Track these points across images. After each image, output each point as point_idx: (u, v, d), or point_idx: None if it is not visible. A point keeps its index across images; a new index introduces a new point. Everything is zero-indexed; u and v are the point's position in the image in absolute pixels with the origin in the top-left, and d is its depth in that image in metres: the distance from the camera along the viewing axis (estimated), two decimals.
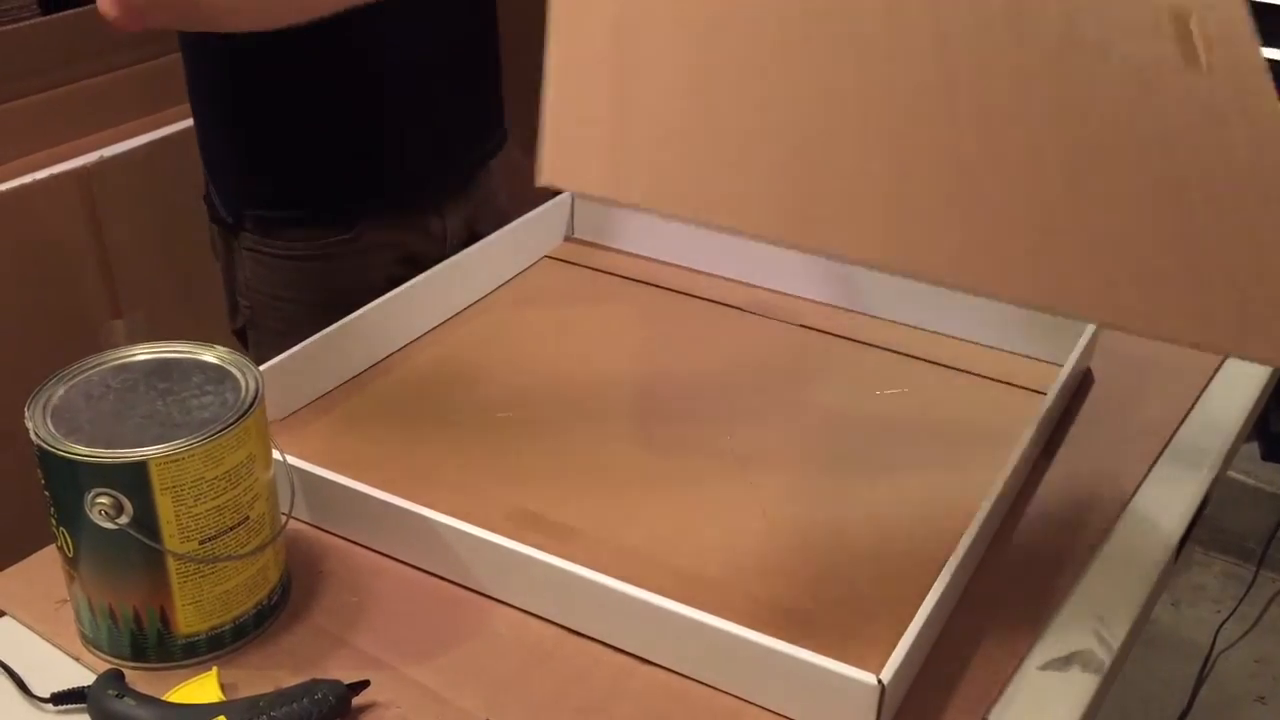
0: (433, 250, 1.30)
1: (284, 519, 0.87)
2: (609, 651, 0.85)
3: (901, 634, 0.79)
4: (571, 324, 1.23)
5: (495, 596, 0.89)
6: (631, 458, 1.03)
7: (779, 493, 0.99)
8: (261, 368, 1.01)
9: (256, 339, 1.31)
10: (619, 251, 1.37)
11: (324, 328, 1.09)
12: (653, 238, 1.36)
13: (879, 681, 0.76)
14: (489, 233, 1.28)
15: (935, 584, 0.83)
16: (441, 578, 0.91)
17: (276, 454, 0.88)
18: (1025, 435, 0.98)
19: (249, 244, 1.26)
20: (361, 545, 0.94)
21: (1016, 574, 0.93)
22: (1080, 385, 1.16)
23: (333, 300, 1.14)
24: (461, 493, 0.98)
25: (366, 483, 0.92)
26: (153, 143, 1.84)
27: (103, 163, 1.79)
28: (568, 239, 1.39)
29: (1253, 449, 2.34)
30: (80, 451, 0.76)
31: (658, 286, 1.30)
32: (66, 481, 0.77)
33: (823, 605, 0.87)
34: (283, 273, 1.26)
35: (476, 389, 1.12)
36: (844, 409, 1.10)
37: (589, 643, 0.85)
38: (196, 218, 1.35)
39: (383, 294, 1.15)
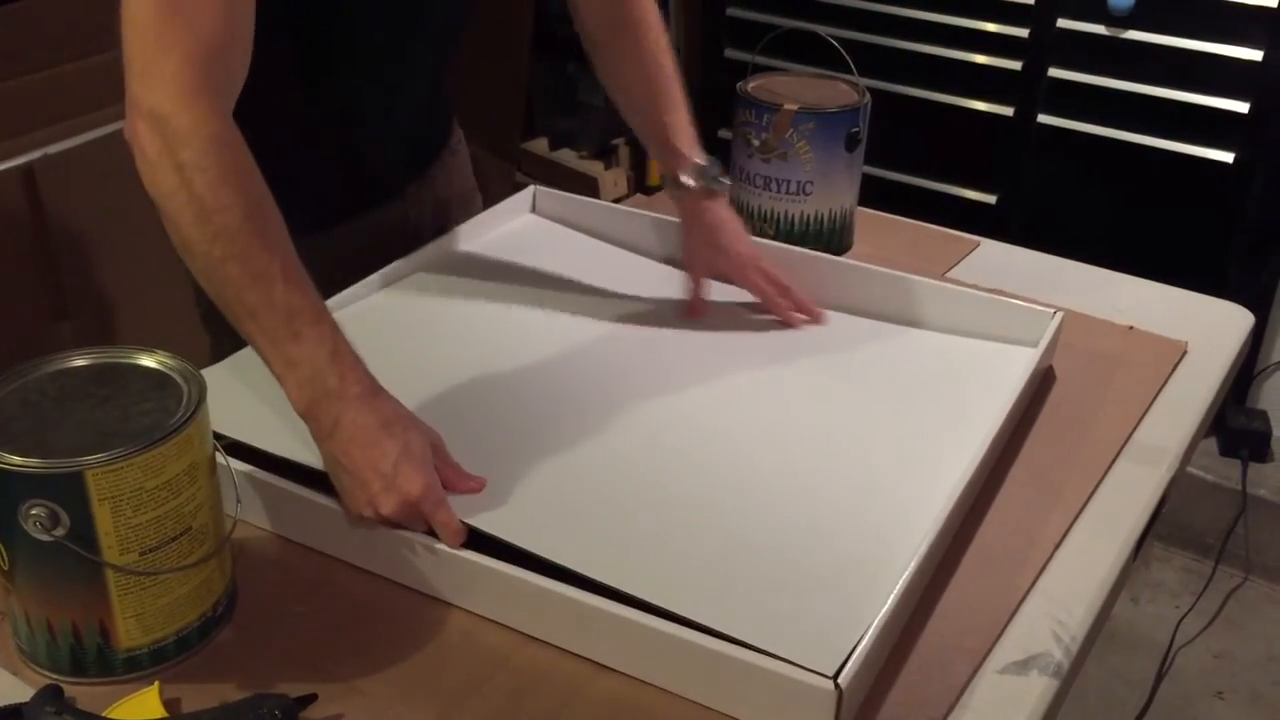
0: (400, 239, 1.29)
1: (229, 525, 0.85)
2: (564, 658, 0.83)
3: (859, 636, 0.78)
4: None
5: (449, 601, 0.87)
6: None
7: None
8: (206, 370, 0.99)
9: (217, 329, 1.27)
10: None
11: None
12: (611, 228, 1.37)
13: (836, 686, 0.74)
14: (459, 215, 1.31)
15: (895, 588, 0.82)
16: (393, 582, 0.89)
17: (221, 459, 0.86)
18: (986, 438, 0.98)
19: None
20: (311, 549, 0.92)
21: (976, 575, 0.92)
22: (1042, 383, 1.16)
23: None
24: None
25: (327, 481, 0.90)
26: (98, 139, 1.80)
27: (47, 159, 1.75)
28: None
29: (1211, 444, 2.36)
30: (13, 461, 0.73)
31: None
32: None
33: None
34: None
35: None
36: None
37: (544, 649, 0.84)
38: (144, 216, 1.31)
39: (348, 282, 1.15)
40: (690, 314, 1.23)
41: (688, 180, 1.19)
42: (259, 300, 0.86)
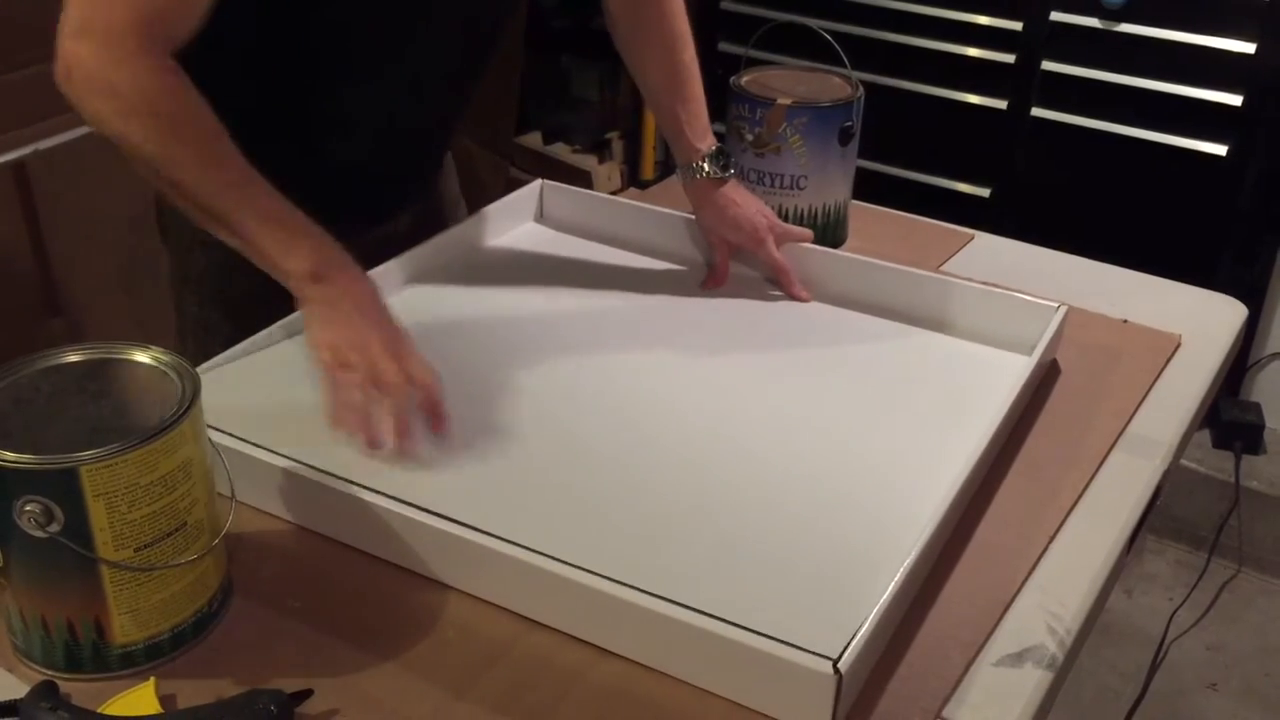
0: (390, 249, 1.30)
1: (225, 514, 0.85)
2: (565, 646, 0.83)
3: (859, 624, 0.78)
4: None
5: (449, 584, 0.87)
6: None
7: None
8: (201, 367, 0.99)
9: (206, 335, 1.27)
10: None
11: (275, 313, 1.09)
12: (614, 227, 1.37)
13: (836, 670, 0.74)
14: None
15: (896, 575, 0.82)
16: (392, 565, 0.89)
17: (213, 434, 0.85)
18: (989, 429, 0.98)
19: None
20: (307, 543, 0.91)
21: (972, 568, 0.92)
22: (1046, 376, 1.16)
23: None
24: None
25: (326, 468, 0.90)
26: (90, 135, 1.78)
27: (38, 156, 1.75)
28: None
29: (1204, 437, 2.36)
30: (7, 458, 0.73)
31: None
32: None
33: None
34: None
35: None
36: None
37: (544, 638, 0.84)
38: (136, 212, 1.31)
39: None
40: (709, 283, 1.29)
41: (700, 167, 1.26)
42: (246, 214, 0.95)
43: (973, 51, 2.36)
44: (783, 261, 1.27)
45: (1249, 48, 2.10)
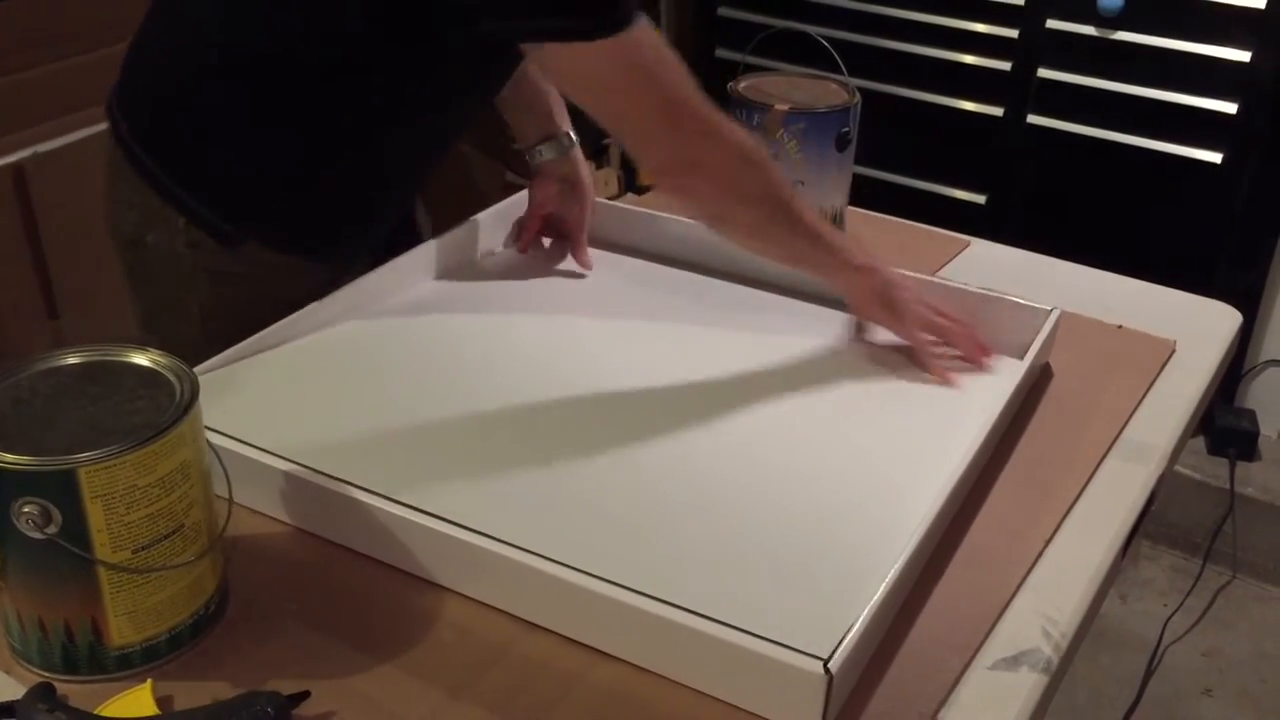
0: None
1: (223, 516, 0.85)
2: (563, 648, 0.83)
3: (850, 625, 0.78)
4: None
5: (448, 587, 0.88)
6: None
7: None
8: (199, 367, 0.99)
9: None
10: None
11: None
12: (611, 231, 1.37)
13: (826, 670, 0.75)
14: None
15: (886, 577, 0.82)
16: (390, 568, 0.89)
17: (211, 436, 0.85)
18: (982, 431, 0.98)
19: (212, 265, 1.19)
20: (304, 546, 0.92)
21: (967, 571, 0.93)
22: (1039, 379, 1.16)
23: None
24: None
25: (319, 469, 0.90)
26: (89, 137, 1.79)
27: (37, 158, 1.75)
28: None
29: (1199, 443, 2.37)
30: (5, 459, 0.73)
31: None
32: None
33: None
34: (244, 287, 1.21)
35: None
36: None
37: (542, 640, 0.84)
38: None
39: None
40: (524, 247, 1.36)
41: (564, 142, 1.37)
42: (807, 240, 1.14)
43: (969, 59, 2.37)
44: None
45: (1244, 55, 2.11)
